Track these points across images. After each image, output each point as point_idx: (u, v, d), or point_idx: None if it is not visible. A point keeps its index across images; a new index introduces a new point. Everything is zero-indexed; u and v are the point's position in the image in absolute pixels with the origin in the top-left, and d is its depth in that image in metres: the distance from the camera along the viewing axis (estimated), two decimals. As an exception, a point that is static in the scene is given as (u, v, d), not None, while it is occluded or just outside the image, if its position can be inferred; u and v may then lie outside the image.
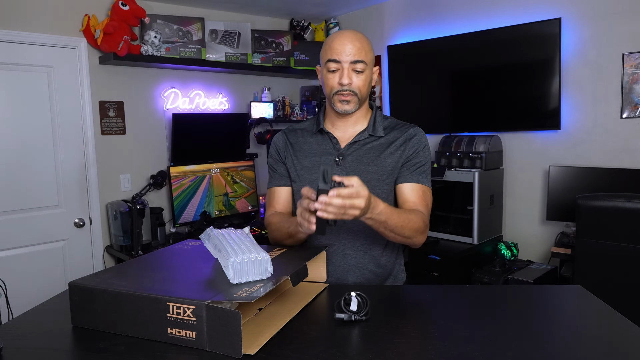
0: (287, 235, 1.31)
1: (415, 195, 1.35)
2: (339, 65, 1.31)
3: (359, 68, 1.30)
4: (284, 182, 1.45)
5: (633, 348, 0.90)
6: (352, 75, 1.31)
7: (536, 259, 3.02)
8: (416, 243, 1.31)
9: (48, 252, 2.93)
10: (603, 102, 2.72)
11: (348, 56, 1.29)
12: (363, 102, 1.38)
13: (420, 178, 1.36)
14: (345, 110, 1.34)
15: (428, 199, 1.37)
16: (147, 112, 3.33)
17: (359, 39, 1.32)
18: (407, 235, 1.25)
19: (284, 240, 1.34)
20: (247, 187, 3.71)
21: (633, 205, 2.05)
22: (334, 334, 0.94)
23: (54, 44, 2.88)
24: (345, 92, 1.31)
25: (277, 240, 1.37)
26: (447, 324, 0.99)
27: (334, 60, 1.31)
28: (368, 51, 1.33)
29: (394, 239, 1.26)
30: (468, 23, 3.24)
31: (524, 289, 1.54)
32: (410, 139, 1.38)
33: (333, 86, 1.33)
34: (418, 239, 1.29)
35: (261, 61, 3.64)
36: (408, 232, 1.24)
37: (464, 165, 3.02)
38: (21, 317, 1.07)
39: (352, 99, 1.33)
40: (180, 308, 0.86)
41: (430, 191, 1.39)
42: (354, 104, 1.34)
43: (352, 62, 1.30)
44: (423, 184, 1.37)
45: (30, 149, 2.83)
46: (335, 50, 1.30)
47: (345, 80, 1.30)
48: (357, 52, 1.30)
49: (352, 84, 1.31)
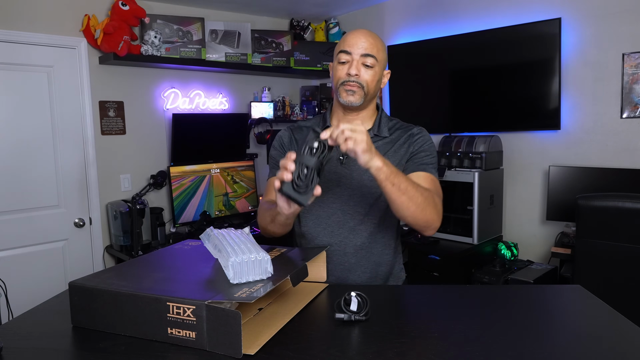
0: (270, 219, 1.29)
1: (422, 181, 1.30)
2: (350, 57, 1.32)
3: (369, 62, 1.32)
4: None
5: (633, 348, 0.90)
6: (361, 68, 1.32)
7: (536, 259, 3.02)
8: (429, 221, 1.23)
9: (48, 252, 2.93)
10: (603, 102, 2.72)
11: (359, 49, 1.31)
12: (369, 99, 1.37)
13: (426, 168, 1.34)
14: (350, 101, 1.33)
15: (438, 187, 1.33)
16: (147, 112, 3.33)
17: (373, 37, 1.35)
18: (420, 204, 1.18)
19: (267, 225, 1.32)
20: (247, 187, 3.71)
21: (633, 205, 2.05)
22: (334, 334, 0.94)
23: (54, 44, 2.88)
24: (352, 82, 1.31)
25: (262, 225, 1.37)
26: (447, 324, 0.99)
27: (346, 52, 1.32)
28: (380, 50, 1.35)
29: (408, 207, 1.18)
30: (468, 23, 3.24)
31: (524, 289, 1.54)
32: (414, 137, 1.39)
33: (341, 76, 1.33)
34: (430, 214, 1.22)
35: (261, 61, 3.64)
36: (421, 200, 1.18)
37: (464, 165, 3.02)
38: (21, 317, 1.07)
39: (357, 90, 1.32)
40: (180, 308, 0.86)
41: (438, 182, 1.35)
42: (359, 96, 1.33)
43: (362, 55, 1.31)
44: (430, 172, 1.34)
45: (30, 149, 2.83)
46: (348, 42, 1.33)
47: (354, 70, 1.30)
48: (369, 46, 1.32)
49: (360, 76, 1.31)
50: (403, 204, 1.18)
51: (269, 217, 1.30)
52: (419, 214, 1.21)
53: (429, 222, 1.24)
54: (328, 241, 1.37)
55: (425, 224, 1.25)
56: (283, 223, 1.27)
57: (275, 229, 1.31)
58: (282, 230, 1.32)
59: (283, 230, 1.32)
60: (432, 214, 1.23)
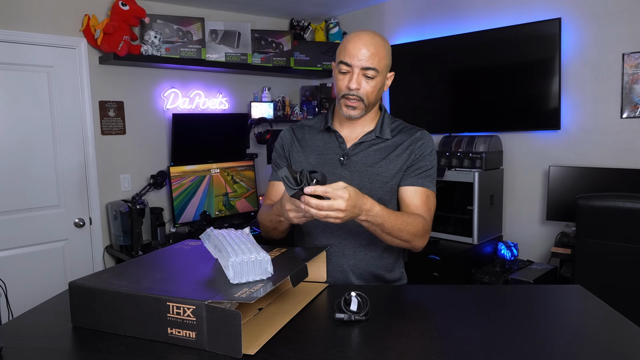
0: (272, 226, 1.34)
1: (418, 199, 1.33)
2: (350, 68, 1.29)
3: (369, 74, 1.28)
4: None
5: (633, 348, 0.90)
6: (362, 81, 1.29)
7: (536, 259, 3.02)
8: (415, 247, 1.30)
9: (48, 252, 2.93)
10: (603, 102, 2.72)
11: (360, 61, 1.27)
12: (370, 108, 1.37)
13: (425, 182, 1.35)
14: (350, 115, 1.34)
15: (431, 204, 1.36)
16: (147, 112, 3.33)
17: (375, 43, 1.28)
18: (405, 239, 1.24)
19: (269, 231, 1.37)
20: (247, 187, 3.71)
21: (633, 205, 2.05)
22: (334, 334, 0.94)
23: (54, 44, 2.88)
24: (352, 97, 1.30)
25: (264, 230, 1.40)
26: (447, 324, 0.99)
27: (346, 63, 1.29)
28: (383, 57, 1.29)
29: (392, 242, 1.25)
30: (468, 23, 3.24)
31: (524, 289, 1.54)
32: (417, 143, 1.37)
33: (341, 88, 1.32)
34: (417, 243, 1.28)
35: (261, 61, 3.64)
36: (406, 236, 1.24)
37: (464, 165, 3.02)
38: (21, 317, 1.07)
39: (358, 105, 1.32)
40: (180, 308, 0.86)
41: (434, 196, 1.37)
42: (359, 110, 1.33)
43: (363, 68, 1.27)
44: (427, 187, 1.35)
45: (30, 149, 2.83)
46: (349, 52, 1.28)
47: (354, 85, 1.28)
48: (370, 57, 1.27)
49: (361, 89, 1.29)
50: (388, 241, 1.25)
51: (270, 224, 1.35)
52: (404, 245, 1.29)
53: (414, 249, 1.32)
54: (328, 241, 1.37)
55: (411, 249, 1.32)
56: (286, 228, 1.33)
57: (276, 235, 1.36)
58: (285, 234, 1.37)
59: (286, 234, 1.37)
60: (416, 242, 1.29)
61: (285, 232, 1.37)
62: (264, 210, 1.40)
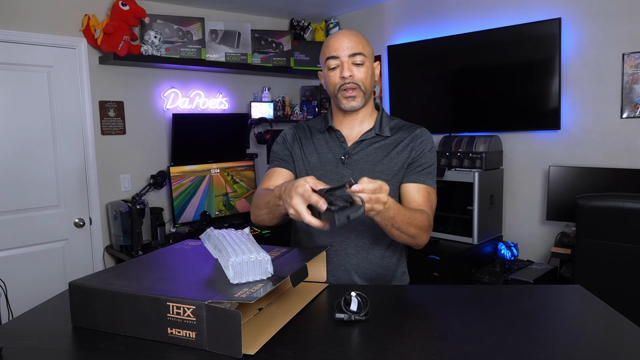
0: (267, 209, 1.24)
1: (420, 196, 1.34)
2: (338, 61, 1.33)
3: (358, 60, 1.32)
4: (284, 165, 1.44)
5: (633, 348, 0.89)
6: (353, 68, 1.32)
7: (536, 259, 3.02)
8: (420, 243, 1.29)
9: (48, 252, 2.93)
10: (603, 102, 2.72)
11: (345, 50, 1.32)
12: (369, 97, 1.38)
13: (426, 179, 1.36)
14: (352, 106, 1.34)
15: (433, 201, 1.36)
16: (147, 112, 3.33)
17: (354, 34, 1.36)
18: (412, 234, 1.23)
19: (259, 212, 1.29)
20: (247, 187, 3.71)
21: (633, 205, 2.05)
22: (334, 334, 0.94)
23: (54, 44, 2.88)
24: (349, 84, 1.32)
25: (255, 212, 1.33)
26: (447, 324, 0.99)
27: (333, 57, 1.33)
28: (365, 45, 1.35)
29: (399, 237, 1.24)
30: (468, 23, 3.24)
31: (524, 289, 1.54)
32: (417, 140, 1.38)
33: (336, 82, 1.34)
34: (422, 238, 1.28)
35: (261, 61, 3.64)
36: (414, 230, 1.23)
37: (464, 165, 3.02)
38: (21, 317, 1.07)
39: (357, 93, 1.33)
40: (180, 308, 0.86)
41: (435, 193, 1.38)
42: (359, 98, 1.34)
43: (350, 56, 1.32)
44: (428, 185, 1.36)
45: (30, 149, 2.83)
46: (333, 47, 1.33)
47: (347, 73, 1.31)
48: (353, 45, 1.32)
49: (354, 76, 1.32)
50: (396, 236, 1.23)
51: (264, 205, 1.26)
52: (409, 241, 1.27)
53: (418, 245, 1.30)
54: (329, 241, 1.37)
55: (414, 246, 1.31)
56: (279, 215, 1.26)
57: (266, 218, 1.29)
58: (275, 222, 1.31)
59: (275, 222, 1.31)
60: (421, 237, 1.28)
61: (278, 219, 1.30)
62: (261, 192, 1.33)
